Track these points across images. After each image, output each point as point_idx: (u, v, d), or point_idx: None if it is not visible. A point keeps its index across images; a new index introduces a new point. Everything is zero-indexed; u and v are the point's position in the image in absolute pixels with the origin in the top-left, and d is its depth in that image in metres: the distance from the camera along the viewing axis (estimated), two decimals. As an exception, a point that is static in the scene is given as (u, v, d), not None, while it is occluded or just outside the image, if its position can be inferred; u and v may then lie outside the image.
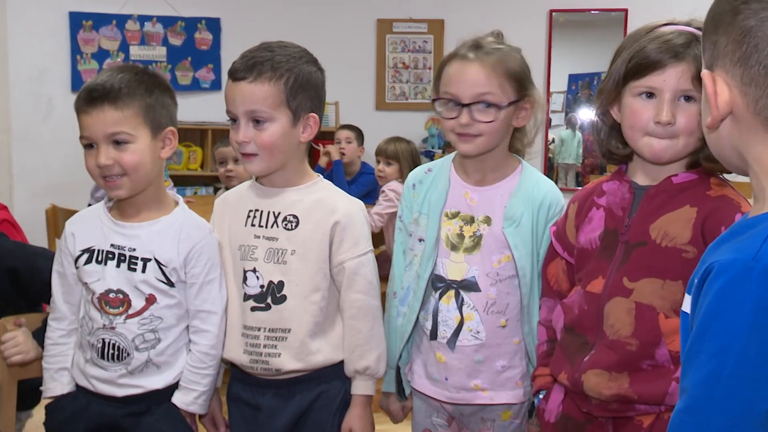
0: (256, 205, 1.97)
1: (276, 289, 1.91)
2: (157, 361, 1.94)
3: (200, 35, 6.52)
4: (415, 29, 6.74)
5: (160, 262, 1.93)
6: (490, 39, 1.95)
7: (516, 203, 1.93)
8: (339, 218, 1.91)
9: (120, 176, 1.90)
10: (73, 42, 6.16)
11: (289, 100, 1.87)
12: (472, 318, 1.94)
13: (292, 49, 1.91)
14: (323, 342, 1.93)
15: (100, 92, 1.87)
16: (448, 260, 1.96)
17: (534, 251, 1.92)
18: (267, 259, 1.92)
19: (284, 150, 1.90)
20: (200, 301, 1.96)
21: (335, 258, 1.92)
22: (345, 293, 1.93)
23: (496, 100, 1.88)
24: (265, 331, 1.92)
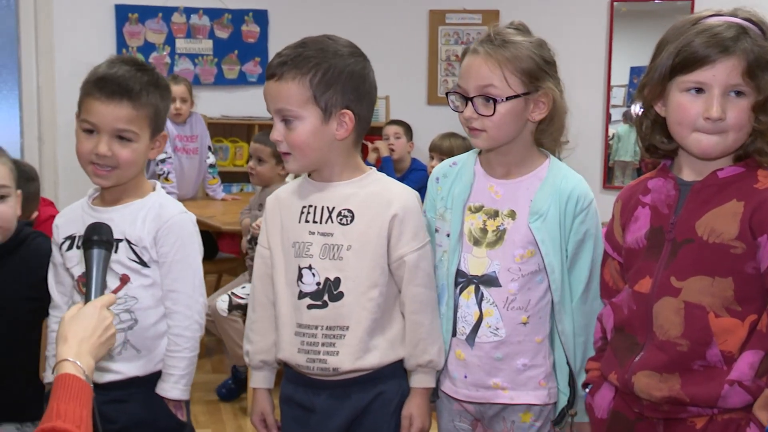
0: (309, 200, 1.99)
1: (332, 286, 1.93)
2: (136, 344, 2.03)
3: (247, 28, 6.60)
4: (468, 20, 6.73)
5: (130, 242, 2.03)
6: (507, 31, 1.95)
7: (542, 197, 1.93)
8: (397, 211, 1.93)
9: (111, 168, 2.02)
10: (119, 35, 6.29)
11: (317, 97, 1.88)
12: (491, 314, 1.95)
13: (328, 43, 1.92)
14: (381, 340, 1.95)
15: (123, 87, 1.99)
16: (470, 255, 1.97)
17: (562, 246, 1.92)
18: (322, 255, 1.94)
19: (317, 148, 1.92)
20: (170, 280, 2.06)
21: (395, 252, 1.94)
22: (406, 287, 1.95)
23: (496, 93, 1.89)
24: (323, 329, 1.94)
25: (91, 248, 1.82)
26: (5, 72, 5.96)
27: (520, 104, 1.91)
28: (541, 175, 1.97)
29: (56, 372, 1.56)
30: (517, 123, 1.93)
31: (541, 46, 1.94)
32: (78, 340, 1.61)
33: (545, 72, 1.92)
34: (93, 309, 1.69)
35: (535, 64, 1.90)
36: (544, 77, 1.92)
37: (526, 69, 1.90)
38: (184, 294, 2.07)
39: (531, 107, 1.93)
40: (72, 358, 1.57)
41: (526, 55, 1.90)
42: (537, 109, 1.93)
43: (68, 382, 1.53)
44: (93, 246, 1.82)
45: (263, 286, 2.05)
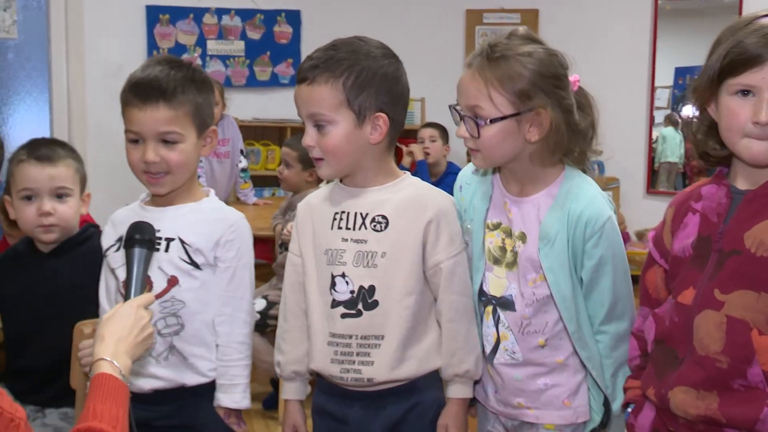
0: (341, 206, 1.98)
1: (367, 295, 1.92)
2: (182, 350, 2.01)
3: (279, 28, 6.63)
4: (506, 20, 6.71)
5: (184, 242, 2.02)
6: (506, 43, 1.85)
7: (551, 220, 1.86)
8: (432, 216, 1.91)
9: (164, 174, 2.02)
10: (150, 37, 6.35)
11: (350, 101, 1.86)
12: (506, 338, 1.93)
13: (359, 44, 1.91)
14: (417, 349, 1.94)
15: (156, 89, 1.97)
16: (491, 274, 1.94)
17: (572, 273, 1.86)
18: (356, 262, 1.93)
19: (351, 153, 1.90)
20: (234, 286, 2.05)
21: (430, 259, 1.92)
22: (443, 295, 1.94)
23: (483, 115, 1.83)
24: (358, 338, 1.92)
25: (132, 247, 1.83)
26: (35, 73, 6.03)
27: (510, 126, 1.82)
28: (553, 192, 1.89)
29: (93, 371, 1.58)
30: (510, 144, 1.85)
31: (544, 59, 1.83)
32: (115, 340, 1.63)
33: (541, 90, 1.81)
34: (130, 308, 1.71)
35: (528, 83, 1.80)
36: (539, 96, 1.81)
37: (516, 89, 1.80)
38: (245, 301, 2.06)
39: (527, 127, 1.82)
40: (109, 358, 1.59)
41: (519, 73, 1.80)
42: (533, 129, 1.83)
43: (105, 381, 1.55)
44: (134, 245, 1.84)
45: (295, 294, 2.04)
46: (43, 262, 2.35)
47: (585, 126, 1.88)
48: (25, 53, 5.96)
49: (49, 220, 2.29)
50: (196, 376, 2.03)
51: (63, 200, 2.31)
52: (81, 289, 2.25)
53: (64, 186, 2.31)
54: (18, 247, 2.42)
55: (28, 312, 2.32)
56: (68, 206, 2.32)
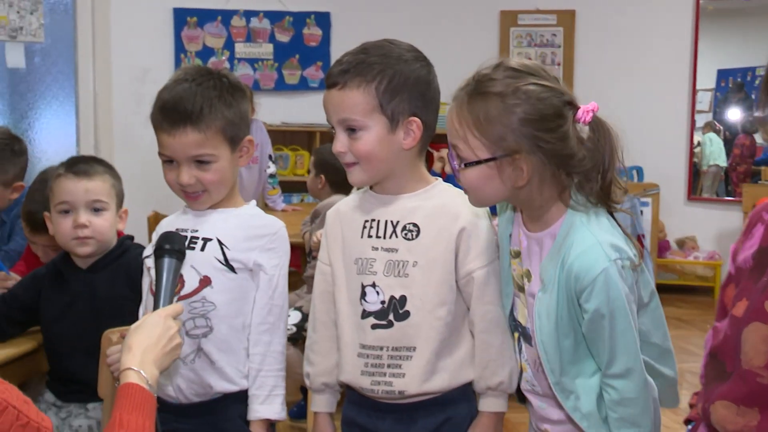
0: (372, 214, 1.98)
1: (398, 305, 1.91)
2: (210, 353, 2.00)
3: (309, 31, 6.66)
4: (542, 21, 6.68)
5: (222, 243, 2.02)
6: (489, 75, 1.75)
7: (548, 265, 1.79)
8: (465, 224, 1.90)
9: (201, 192, 2.04)
10: (177, 40, 6.40)
11: (383, 105, 1.86)
12: (526, 370, 1.91)
13: (390, 47, 1.90)
14: (449, 361, 1.93)
15: (181, 113, 1.97)
16: (519, 300, 1.91)
17: (558, 324, 1.77)
18: (387, 272, 1.93)
19: (384, 158, 1.90)
20: (277, 295, 2.05)
21: (462, 268, 1.91)
22: (475, 305, 1.92)
23: (461, 155, 1.76)
24: (389, 350, 1.92)
25: (162, 257, 1.86)
26: (62, 77, 6.10)
27: (488, 169, 1.73)
28: (554, 233, 1.81)
29: (120, 381, 1.60)
30: (494, 188, 1.76)
31: (527, 100, 1.70)
32: (142, 350, 1.65)
33: (522, 135, 1.70)
34: (158, 318, 1.73)
35: (504, 127, 1.70)
36: (517, 141, 1.70)
37: (491, 133, 1.70)
38: (285, 310, 2.08)
39: (509, 171, 1.72)
40: (136, 367, 1.61)
41: (495, 116, 1.69)
42: (515, 175, 1.73)
43: (132, 391, 1.56)
44: (164, 255, 1.86)
45: (324, 304, 2.04)
46: (82, 278, 2.41)
47: (590, 165, 1.74)
48: (51, 57, 6.03)
49: (84, 232, 2.34)
50: (224, 382, 2.03)
51: (99, 213, 2.37)
52: (119, 302, 2.31)
53: (100, 199, 2.37)
54: (56, 263, 2.49)
55: (68, 327, 2.39)
56: (103, 219, 2.38)
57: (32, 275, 2.53)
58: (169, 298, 1.82)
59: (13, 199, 3.27)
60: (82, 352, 2.36)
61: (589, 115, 1.75)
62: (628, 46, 6.54)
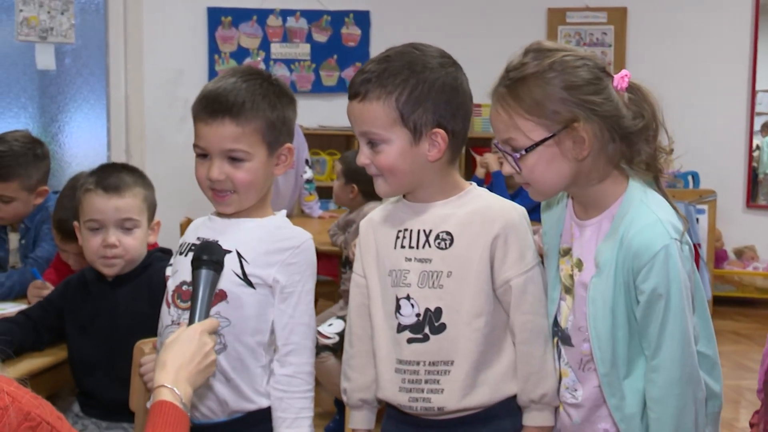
0: (404, 224, 1.98)
1: (434, 318, 1.91)
2: (225, 372, 1.97)
3: (347, 30, 6.68)
4: (592, 19, 6.65)
5: (241, 256, 1.99)
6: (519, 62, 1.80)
7: (603, 247, 1.81)
8: (499, 230, 1.90)
9: (230, 192, 2.02)
10: (211, 40, 6.46)
11: (405, 118, 1.86)
12: (567, 374, 1.90)
13: (415, 54, 1.90)
14: (490, 374, 1.92)
15: (222, 104, 1.98)
16: (564, 304, 1.91)
17: (615, 310, 1.78)
18: (421, 283, 1.93)
19: (408, 172, 1.90)
20: (300, 312, 2.01)
21: (499, 276, 1.91)
22: (514, 315, 1.92)
23: (518, 145, 1.80)
24: (426, 364, 1.92)
25: (199, 268, 1.85)
26: (93, 79, 6.18)
27: (550, 149, 1.78)
28: (613, 212, 1.83)
29: (153, 399, 1.61)
30: (558, 168, 1.80)
31: (563, 69, 1.76)
32: (176, 367, 1.67)
33: (571, 102, 1.75)
34: (193, 333, 1.74)
35: (552, 100, 1.75)
36: (569, 110, 1.76)
37: (542, 110, 1.76)
38: (311, 328, 2.04)
39: (570, 145, 1.77)
40: (170, 385, 1.62)
41: (540, 92, 1.75)
42: (578, 146, 1.77)
43: (165, 409, 1.58)
44: (202, 266, 1.85)
45: (360, 317, 2.05)
46: (107, 291, 2.45)
47: (642, 125, 1.80)
48: (82, 58, 6.11)
49: (112, 252, 2.38)
50: (241, 401, 2.00)
51: (129, 232, 2.40)
52: (139, 318, 2.32)
53: (130, 217, 2.40)
54: (85, 274, 2.53)
55: (93, 340, 2.42)
56: (133, 238, 2.41)
57: (65, 282, 2.58)
58: (205, 312, 1.81)
59: (37, 204, 3.31)
60: (101, 369, 2.40)
61: (625, 81, 1.80)
62: (683, 45, 6.49)
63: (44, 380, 2.41)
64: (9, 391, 1.17)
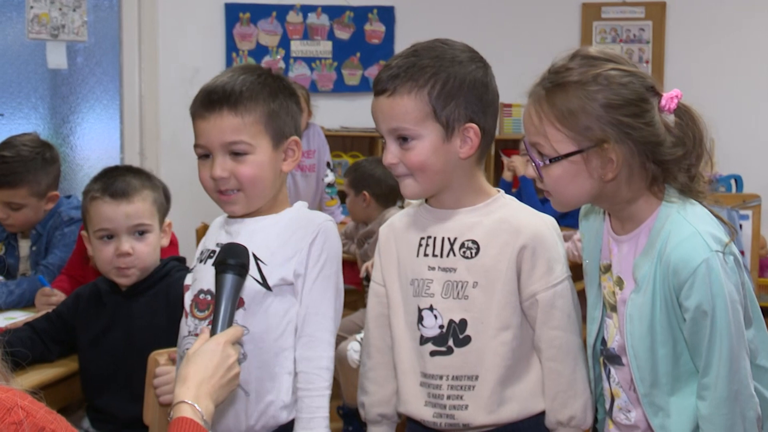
0: (427, 230, 1.99)
1: (458, 330, 1.92)
2: (245, 384, 1.94)
3: (371, 27, 6.69)
4: (629, 14, 6.62)
5: (258, 258, 1.97)
6: (566, 66, 1.79)
7: (642, 262, 1.80)
8: (526, 241, 1.91)
9: (236, 191, 2.00)
10: (229, 38, 6.48)
11: (437, 112, 1.87)
12: (619, 395, 1.90)
13: (443, 48, 1.92)
14: (518, 389, 1.93)
15: (219, 95, 1.97)
16: (611, 322, 1.91)
17: (653, 328, 1.77)
18: (445, 294, 1.94)
19: (439, 169, 1.91)
20: (313, 300, 1.97)
21: (526, 289, 1.91)
22: (540, 330, 1.93)
23: (543, 152, 1.80)
24: (449, 379, 1.93)
25: (224, 272, 1.83)
26: (106, 79, 6.21)
27: (575, 164, 1.77)
28: (650, 225, 1.82)
29: (173, 414, 1.61)
30: (582, 184, 1.79)
31: (614, 85, 1.74)
32: (197, 381, 1.66)
33: (607, 122, 1.73)
34: (216, 345, 1.73)
35: (588, 116, 1.73)
36: (603, 129, 1.73)
37: (575, 123, 1.74)
38: (328, 318, 1.98)
39: (598, 163, 1.76)
40: (190, 401, 1.62)
41: (578, 105, 1.73)
42: (603, 167, 1.76)
43: (185, 426, 1.58)
44: (227, 270, 1.83)
45: (379, 328, 2.06)
46: (121, 302, 2.46)
47: (680, 154, 1.77)
48: (95, 57, 6.15)
49: (126, 261, 2.39)
50: (263, 417, 1.98)
51: (142, 238, 2.42)
52: (155, 332, 2.34)
53: (142, 222, 2.42)
54: (98, 284, 2.54)
55: (106, 353, 2.44)
56: (146, 244, 2.42)
57: (75, 295, 2.59)
58: (229, 320, 1.79)
59: (48, 210, 3.33)
60: (114, 384, 2.41)
61: (674, 102, 1.78)
62: (725, 41, 6.44)
63: (54, 393, 2.43)
64: (23, 405, 1.18)
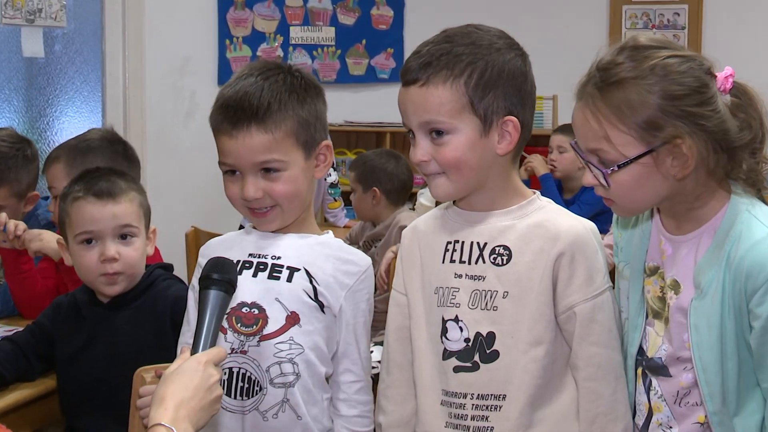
0: (455, 234, 1.99)
1: (485, 344, 1.92)
2: (297, 407, 1.99)
3: (378, 12, 6.69)
4: (661, -2, 6.64)
5: (311, 275, 2.02)
6: (615, 61, 1.79)
7: (705, 265, 1.80)
8: (564, 248, 1.90)
9: (271, 207, 2.03)
10: (222, 23, 6.48)
11: (474, 104, 1.87)
12: (660, 409, 1.89)
13: (478, 34, 1.91)
14: (549, 411, 1.92)
15: (246, 111, 1.98)
16: (652, 330, 1.91)
17: (724, 337, 1.77)
18: (472, 304, 1.93)
19: (475, 167, 1.91)
20: (365, 346, 2.07)
21: (562, 301, 1.91)
22: (578, 346, 1.92)
23: (607, 159, 1.80)
24: (473, 398, 1.92)
25: (208, 288, 1.84)
26: (87, 68, 6.20)
27: (645, 166, 1.77)
28: (715, 227, 1.83)
29: None
30: (652, 186, 1.80)
31: (666, 75, 1.75)
32: (175, 403, 1.66)
33: (674, 115, 1.74)
34: (196, 364, 1.74)
35: (653, 109, 1.74)
36: (670, 122, 1.74)
37: (640, 121, 1.75)
38: (367, 360, 2.10)
39: (669, 161, 1.77)
40: (167, 424, 1.63)
41: (639, 101, 1.75)
42: (678, 163, 1.77)
43: None
44: (210, 285, 1.84)
45: (399, 341, 2.06)
46: (103, 315, 2.43)
47: (749, 138, 1.79)
48: (75, 44, 6.14)
49: (113, 267, 2.36)
50: None
51: (128, 242, 2.39)
52: (141, 349, 2.32)
53: (129, 224, 2.39)
54: (77, 296, 2.51)
55: (86, 370, 2.41)
56: (134, 248, 2.40)
57: (56, 304, 2.56)
58: (212, 339, 1.80)
59: (27, 212, 3.32)
60: (96, 404, 2.38)
61: (729, 82, 1.79)
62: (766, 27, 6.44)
63: (30, 413, 2.42)
64: None
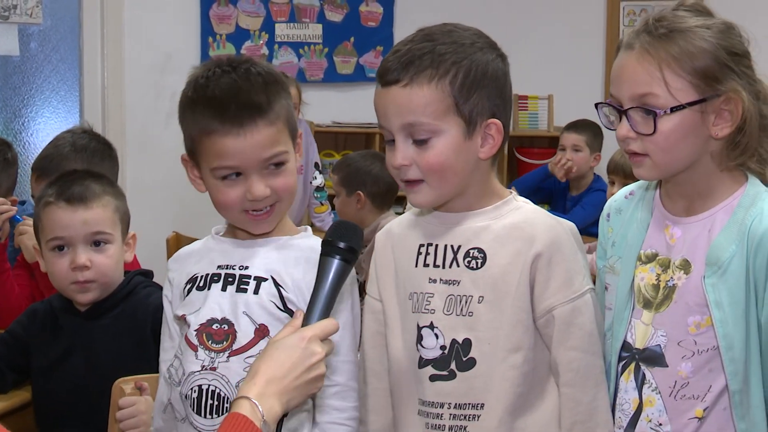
0: (428, 237, 2.00)
1: (461, 351, 1.92)
2: None
3: (367, 8, 6.69)
4: (661, -6, 6.65)
5: (278, 283, 1.99)
6: (675, 15, 1.88)
7: (725, 240, 1.84)
8: (541, 249, 1.91)
9: (271, 206, 2.00)
10: (204, 20, 6.47)
11: (459, 104, 1.88)
12: (652, 403, 1.91)
13: (459, 33, 1.92)
14: (530, 421, 1.93)
15: (248, 106, 1.94)
16: (639, 321, 1.94)
17: (749, 314, 1.82)
18: (447, 310, 1.94)
19: (459, 171, 1.91)
20: (345, 348, 2.01)
21: (540, 304, 1.92)
22: (556, 351, 1.92)
23: (657, 104, 1.84)
24: (451, 407, 1.93)
25: (330, 255, 1.81)
26: (64, 66, 6.20)
27: (693, 116, 1.84)
28: (731, 206, 1.89)
29: (231, 408, 1.62)
30: (692, 142, 1.86)
31: (725, 32, 1.86)
32: (267, 378, 1.66)
33: (730, 69, 1.84)
34: (299, 340, 1.72)
35: (713, 60, 1.83)
36: (728, 76, 1.84)
37: (700, 68, 1.83)
38: (355, 365, 2.05)
39: (711, 119, 1.85)
40: (253, 398, 1.62)
41: (701, 48, 1.83)
42: (720, 121, 1.85)
43: (237, 424, 1.58)
44: (334, 253, 1.81)
45: (375, 349, 2.08)
46: (80, 324, 2.45)
47: None
48: (51, 42, 6.14)
49: (85, 275, 2.37)
50: None
51: (101, 249, 2.39)
52: (121, 359, 2.34)
53: (102, 231, 2.39)
54: (53, 304, 2.52)
55: (63, 382, 2.42)
56: (107, 256, 2.40)
57: (31, 311, 2.56)
58: (324, 313, 1.77)
59: None
60: (73, 417, 2.40)
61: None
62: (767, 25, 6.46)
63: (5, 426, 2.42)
64: None
